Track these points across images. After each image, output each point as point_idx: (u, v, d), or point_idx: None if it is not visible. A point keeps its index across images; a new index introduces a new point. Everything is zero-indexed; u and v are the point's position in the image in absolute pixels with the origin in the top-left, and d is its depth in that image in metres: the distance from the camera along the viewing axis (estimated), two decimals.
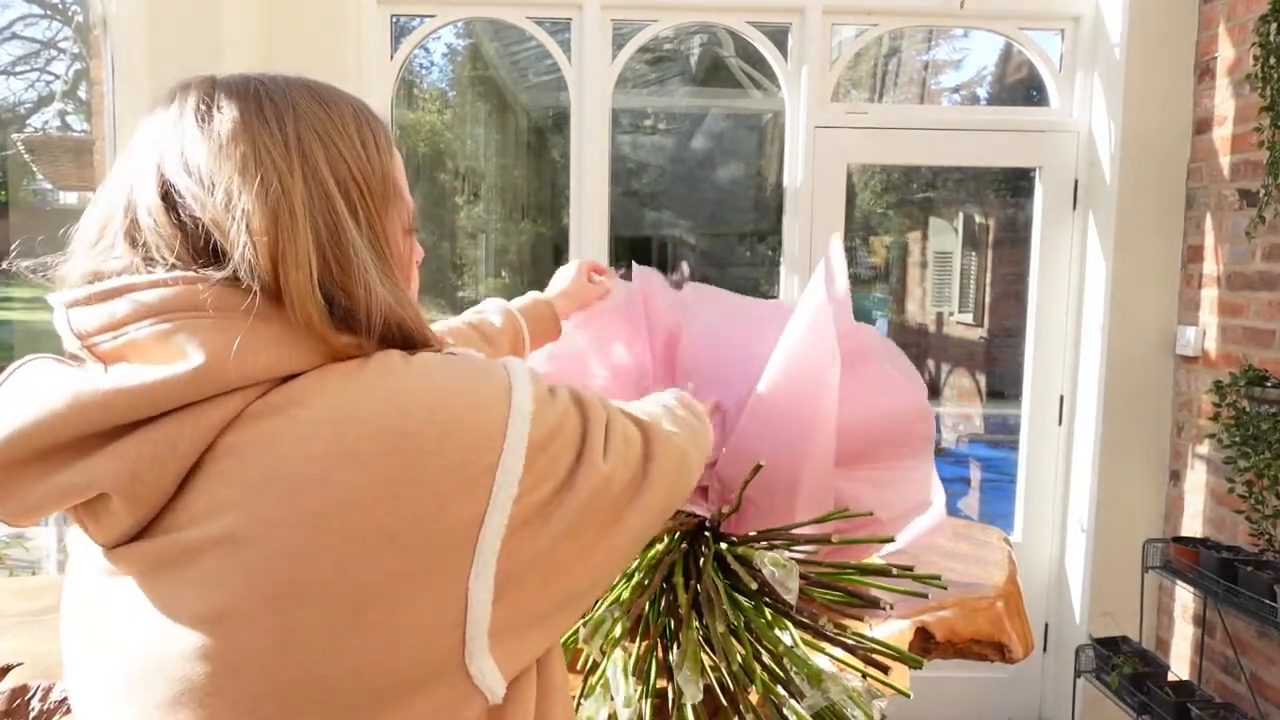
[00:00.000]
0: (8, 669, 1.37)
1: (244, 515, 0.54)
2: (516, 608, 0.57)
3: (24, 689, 1.33)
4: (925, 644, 1.62)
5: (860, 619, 1.03)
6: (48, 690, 1.33)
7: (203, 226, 0.58)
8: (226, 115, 0.60)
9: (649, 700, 0.99)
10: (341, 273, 0.60)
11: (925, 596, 1.10)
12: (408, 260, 0.71)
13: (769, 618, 1.03)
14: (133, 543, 0.56)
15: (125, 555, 0.57)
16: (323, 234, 0.60)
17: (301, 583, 0.53)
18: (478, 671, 0.56)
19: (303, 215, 0.59)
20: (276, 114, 0.62)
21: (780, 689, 0.98)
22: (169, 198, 0.59)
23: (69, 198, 3.06)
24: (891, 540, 1.07)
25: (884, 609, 1.01)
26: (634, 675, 1.00)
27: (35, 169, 2.51)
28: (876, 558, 1.14)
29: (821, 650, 1.03)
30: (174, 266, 0.58)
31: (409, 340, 0.63)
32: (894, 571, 1.05)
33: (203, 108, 0.61)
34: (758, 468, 1.00)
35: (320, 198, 0.60)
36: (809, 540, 1.05)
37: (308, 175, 0.60)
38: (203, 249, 0.59)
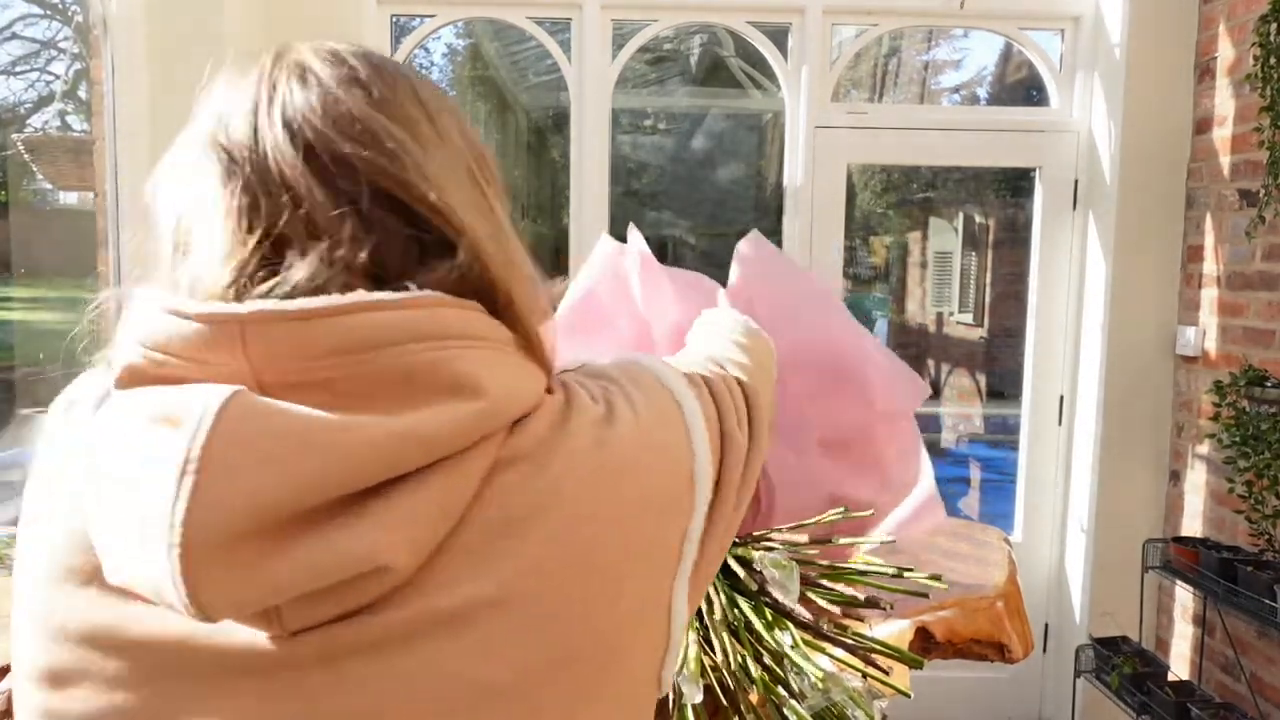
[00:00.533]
0: (7, 669, 1.37)
1: (520, 574, 0.46)
2: (693, 591, 0.56)
3: None
4: (925, 644, 1.62)
5: (861, 620, 1.03)
6: None
7: (372, 196, 0.47)
8: (379, 86, 0.50)
9: None
10: (514, 267, 0.52)
11: (926, 596, 1.10)
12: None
13: (769, 618, 1.02)
14: (330, 624, 0.44)
15: (316, 640, 0.44)
16: (499, 224, 0.53)
17: (584, 634, 0.48)
18: (667, 675, 0.55)
19: (491, 194, 0.52)
20: (412, 89, 0.52)
21: (781, 689, 0.98)
22: (332, 177, 0.47)
23: (69, 198, 3.06)
24: (889, 539, 1.06)
25: (884, 609, 1.01)
26: None
27: (35, 169, 2.51)
28: (871, 552, 1.14)
29: (822, 650, 1.03)
30: (331, 252, 0.46)
31: (543, 360, 0.56)
32: (894, 572, 1.05)
33: (346, 71, 0.50)
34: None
35: (471, 176, 0.52)
36: (815, 541, 1.05)
37: (457, 146, 0.52)
38: (411, 251, 0.48)
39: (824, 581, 1.06)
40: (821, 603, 1.03)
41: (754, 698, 0.99)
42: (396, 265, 0.47)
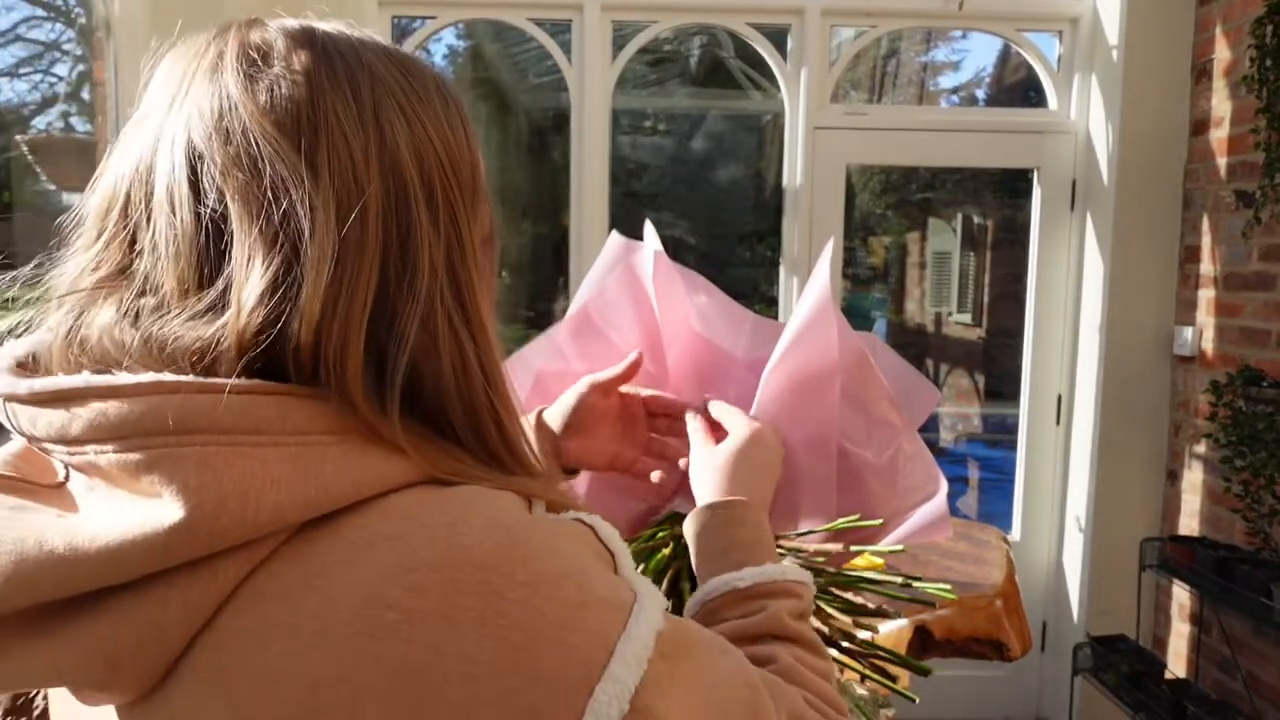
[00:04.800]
0: None
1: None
2: None
3: None
4: (924, 642, 1.64)
5: (872, 629, 1.04)
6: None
7: (223, 219, 0.42)
8: (285, 69, 0.43)
9: None
10: (402, 322, 0.43)
11: (934, 606, 1.11)
12: (490, 284, 0.50)
13: None
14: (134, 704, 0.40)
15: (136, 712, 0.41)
16: (392, 255, 0.43)
17: None
18: None
19: (374, 228, 0.42)
20: (350, 73, 0.44)
21: None
22: (196, 175, 0.42)
23: (72, 199, 3.07)
24: (895, 543, 1.07)
25: (892, 617, 1.02)
26: None
27: (39, 170, 2.52)
28: (876, 554, 1.15)
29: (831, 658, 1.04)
30: (174, 292, 0.42)
31: (495, 456, 0.45)
32: (902, 580, 1.06)
33: (248, 53, 0.44)
34: None
35: (398, 198, 0.43)
36: (821, 553, 1.06)
37: (385, 162, 0.43)
38: (215, 259, 0.42)
39: (833, 589, 1.07)
40: (829, 610, 1.03)
41: None
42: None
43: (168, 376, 0.39)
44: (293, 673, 0.37)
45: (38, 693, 1.40)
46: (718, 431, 0.88)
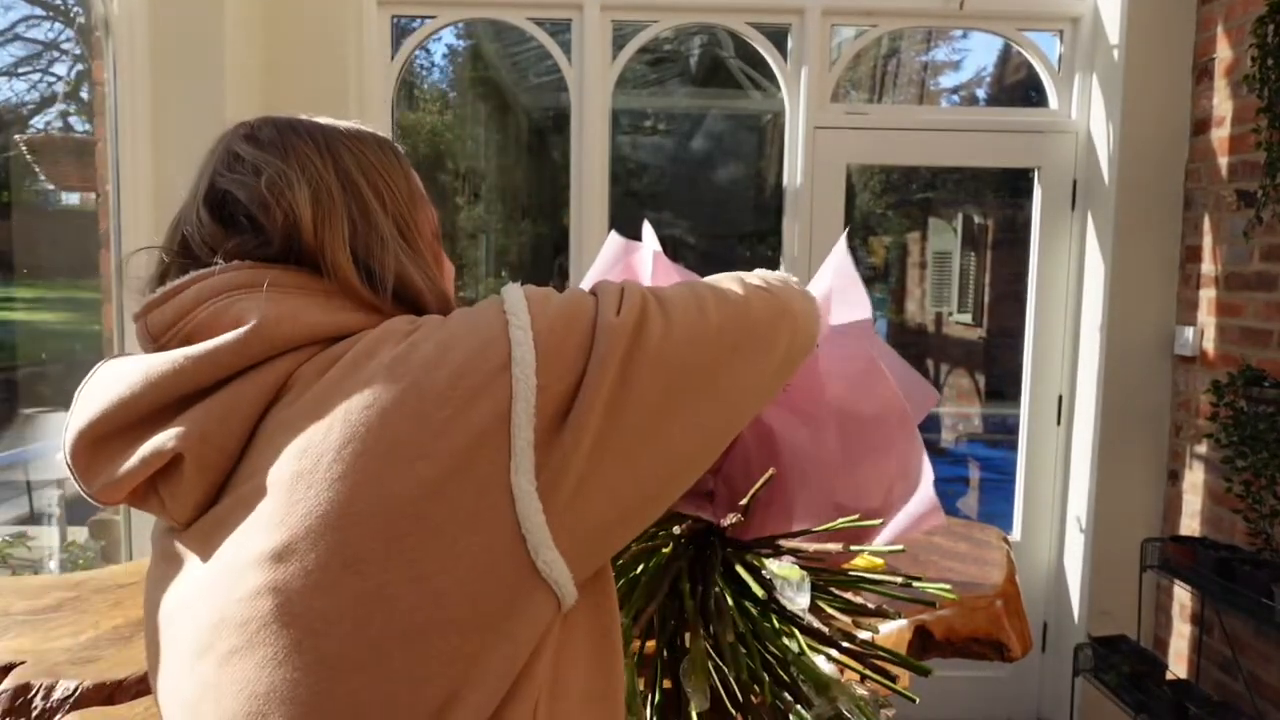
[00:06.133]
0: (10, 667, 1.38)
1: (293, 457, 0.58)
2: (583, 499, 0.58)
3: (27, 687, 1.33)
4: (924, 643, 1.63)
5: (873, 630, 1.04)
6: (50, 689, 1.33)
7: (249, 215, 0.67)
8: (266, 132, 0.70)
9: (652, 703, 0.99)
10: (375, 248, 0.68)
11: (934, 606, 1.10)
12: (440, 259, 0.77)
13: (775, 625, 1.03)
14: (202, 516, 0.61)
15: (195, 531, 0.62)
16: (355, 214, 0.68)
17: (349, 503, 0.55)
18: (544, 565, 0.57)
19: (339, 197, 0.68)
20: (309, 131, 0.71)
21: (787, 695, 0.98)
22: (217, 203, 0.68)
23: (71, 198, 3.07)
24: (890, 541, 1.07)
25: (893, 617, 1.01)
26: (639, 676, 1.00)
27: (38, 169, 2.51)
28: (875, 554, 1.14)
29: (827, 656, 1.04)
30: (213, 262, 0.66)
31: (418, 309, 0.70)
32: (903, 580, 1.05)
33: (243, 132, 0.71)
34: (770, 476, 1.00)
35: (352, 187, 0.69)
36: (819, 554, 1.05)
37: (340, 171, 0.69)
38: (249, 240, 0.67)
39: (833, 589, 1.06)
40: (830, 610, 1.03)
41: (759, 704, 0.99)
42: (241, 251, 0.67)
43: (228, 264, 0.66)
44: (349, 405, 0.58)
45: (35, 693, 1.39)
46: None
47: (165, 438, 0.59)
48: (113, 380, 0.61)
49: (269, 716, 0.54)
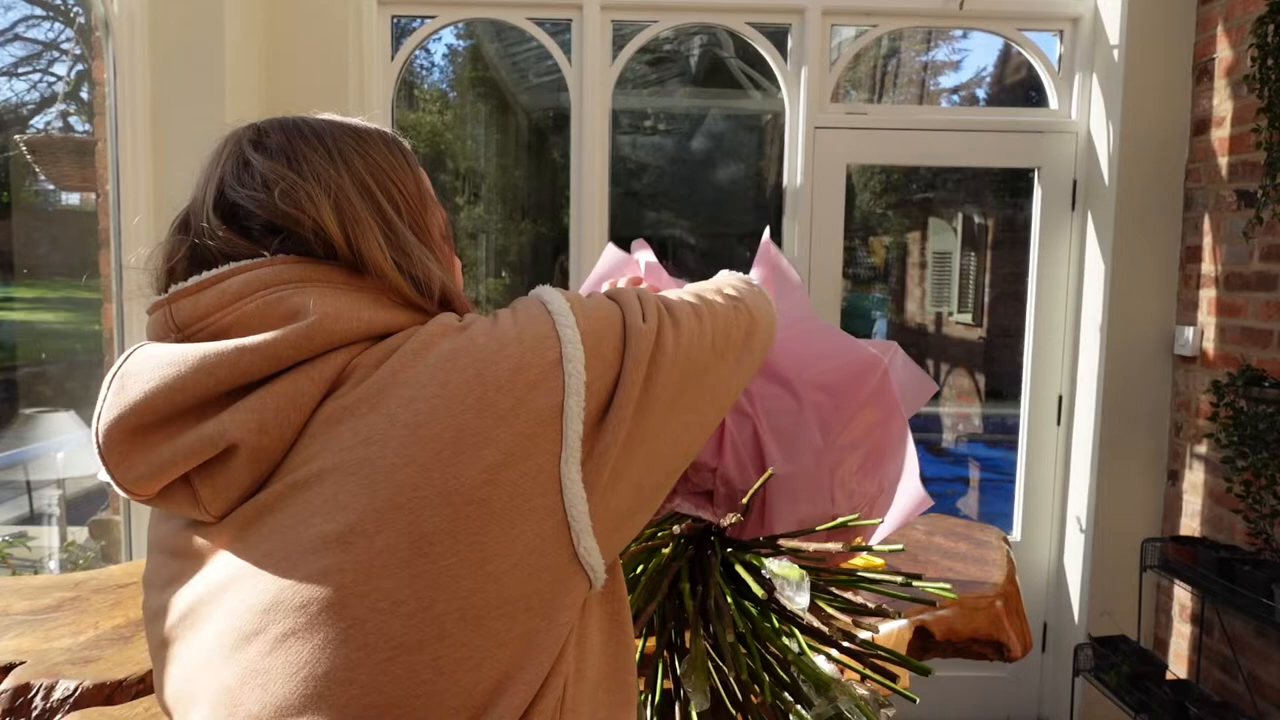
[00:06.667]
0: (10, 667, 1.38)
1: (358, 443, 0.59)
2: (614, 489, 0.63)
3: (26, 687, 1.33)
4: (924, 643, 1.63)
5: (873, 630, 1.03)
6: (50, 689, 1.33)
7: (265, 225, 0.67)
8: (275, 138, 0.70)
9: (652, 703, 0.99)
10: (399, 250, 0.68)
11: (934, 606, 1.10)
12: (450, 258, 0.79)
13: (775, 624, 1.03)
14: (240, 506, 0.62)
15: (231, 521, 0.62)
16: (377, 219, 0.69)
17: (418, 487, 0.57)
18: (584, 551, 0.61)
19: (358, 203, 0.68)
20: (316, 134, 0.71)
21: (787, 695, 0.98)
22: (228, 213, 0.67)
23: (71, 198, 3.07)
24: (884, 531, 1.07)
25: (893, 617, 1.01)
26: (639, 676, 1.00)
27: (38, 170, 2.51)
28: (875, 554, 1.14)
29: (827, 655, 1.04)
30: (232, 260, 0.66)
31: (453, 308, 0.72)
32: (903, 580, 1.05)
33: (250, 136, 0.71)
34: (768, 475, 1.00)
35: (366, 193, 0.69)
36: (819, 554, 1.05)
37: (353, 177, 0.69)
38: (256, 248, 0.66)
39: (833, 589, 1.06)
40: (830, 610, 1.03)
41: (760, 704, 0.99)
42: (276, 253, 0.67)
43: (271, 257, 0.65)
44: (414, 393, 0.60)
45: (35, 693, 1.39)
46: None
47: (219, 428, 0.59)
48: (154, 368, 0.61)
49: (325, 698, 0.56)
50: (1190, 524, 2.77)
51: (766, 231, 1.17)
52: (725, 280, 0.90)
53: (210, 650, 0.60)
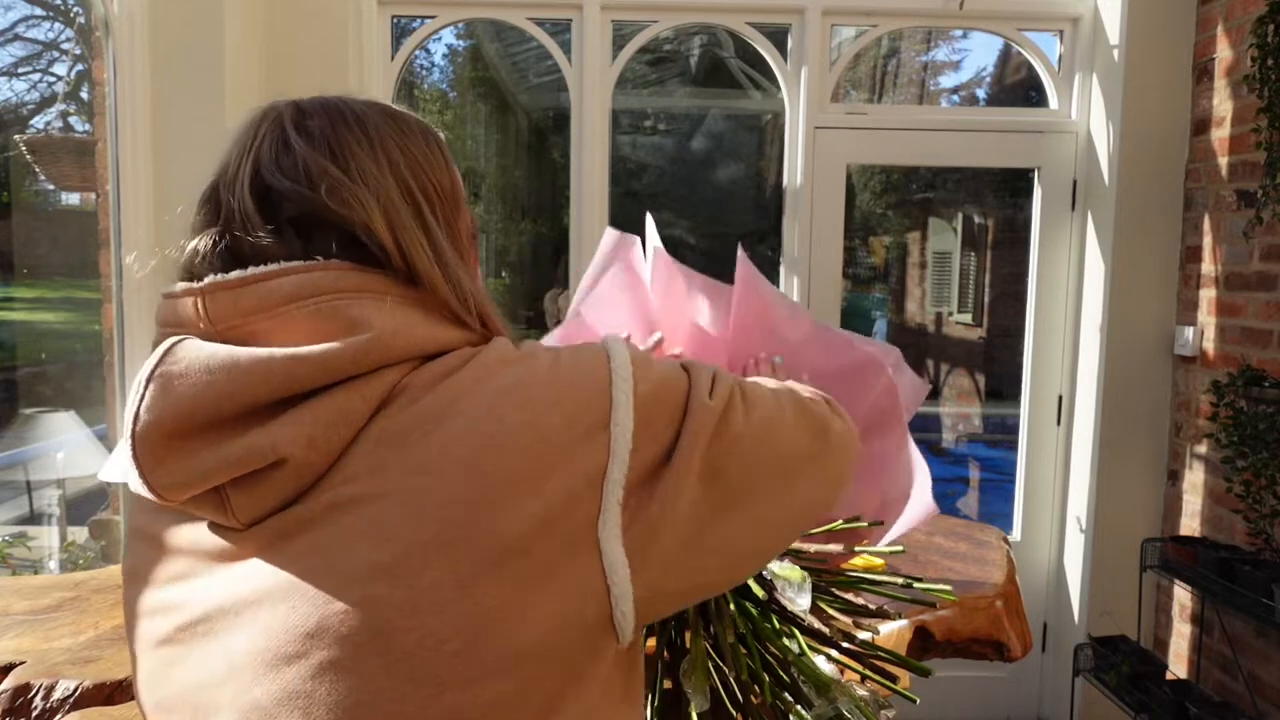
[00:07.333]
0: (10, 667, 1.38)
1: (408, 471, 0.57)
2: (658, 565, 0.61)
3: (26, 687, 1.33)
4: (924, 643, 1.63)
5: (874, 630, 1.03)
6: (50, 689, 1.33)
7: (303, 217, 0.63)
8: (318, 121, 0.66)
9: (652, 704, 0.99)
10: (439, 259, 0.65)
11: (934, 606, 1.10)
12: (475, 263, 0.76)
13: (776, 625, 1.03)
14: (273, 516, 0.59)
15: (262, 531, 0.59)
16: (418, 224, 0.66)
17: (464, 526, 0.56)
18: (620, 616, 0.60)
19: (402, 208, 0.65)
20: (359, 120, 0.68)
21: (787, 695, 0.98)
22: (263, 196, 0.64)
23: (71, 198, 3.07)
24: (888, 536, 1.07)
25: (893, 618, 1.01)
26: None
27: (38, 170, 2.51)
28: (876, 554, 1.14)
29: (828, 656, 1.04)
30: (272, 259, 0.62)
31: (493, 329, 0.69)
32: (904, 581, 1.05)
33: (292, 116, 0.67)
34: None
35: (407, 193, 0.66)
36: (819, 555, 1.05)
37: (394, 174, 0.66)
38: (299, 246, 0.63)
39: (834, 590, 1.06)
40: (831, 611, 1.03)
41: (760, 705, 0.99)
42: (320, 254, 0.63)
43: (328, 261, 0.62)
44: (468, 428, 0.58)
45: (35, 693, 1.39)
46: None
47: (269, 440, 0.56)
48: (201, 370, 0.57)
49: None
50: (1190, 524, 2.77)
51: (740, 248, 1.14)
52: (811, 390, 0.83)
53: (239, 665, 0.58)
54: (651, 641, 1.04)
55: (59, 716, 1.31)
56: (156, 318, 0.64)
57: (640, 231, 1.13)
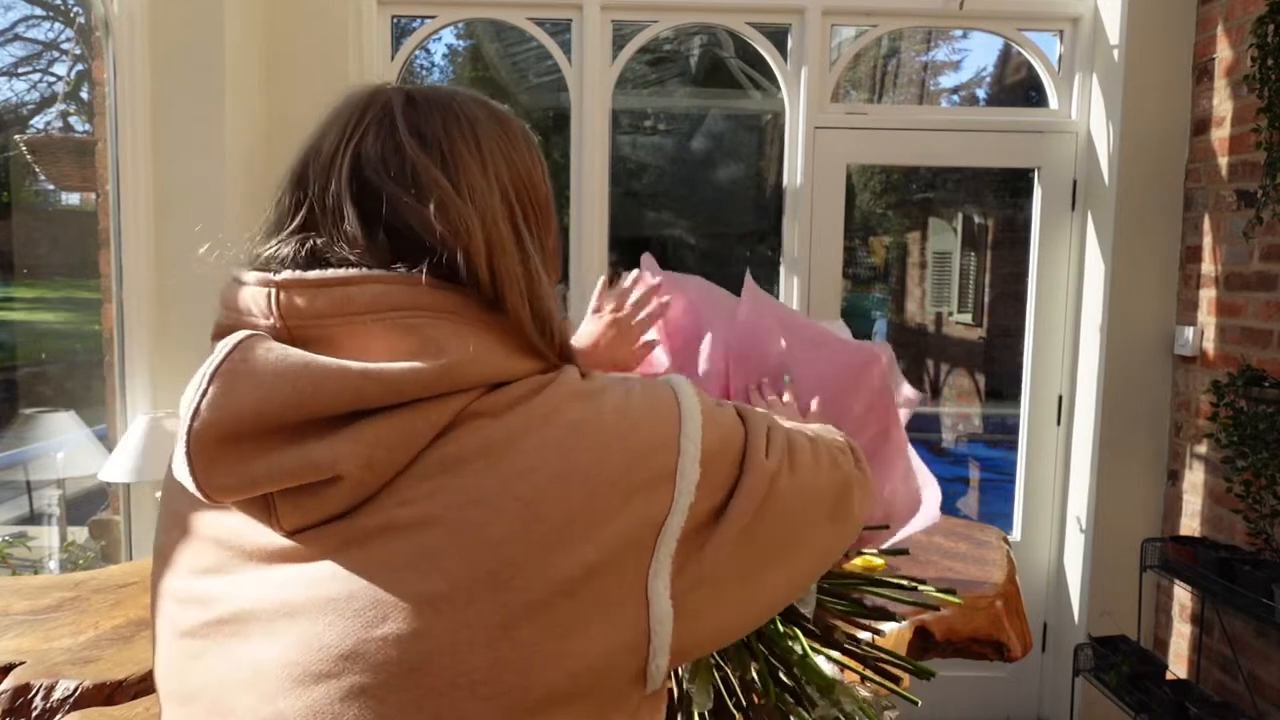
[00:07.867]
0: (10, 667, 1.38)
1: (466, 502, 0.56)
2: (697, 617, 0.60)
3: (26, 687, 1.33)
4: (924, 643, 1.63)
5: (877, 632, 1.03)
6: (50, 689, 1.33)
7: (397, 230, 0.61)
8: (432, 124, 0.64)
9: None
10: (531, 279, 0.63)
11: (935, 606, 1.10)
12: (556, 274, 0.74)
13: (780, 627, 1.03)
14: (320, 526, 0.57)
15: (311, 539, 0.57)
16: (515, 246, 0.64)
17: (516, 565, 0.55)
18: (655, 668, 0.59)
19: (503, 226, 0.63)
20: (470, 124, 0.65)
21: (789, 698, 0.98)
22: (361, 195, 0.61)
23: (71, 198, 3.07)
24: (892, 537, 1.07)
25: (897, 620, 1.01)
26: None
27: (38, 170, 2.51)
28: (876, 553, 1.14)
29: (830, 658, 1.03)
30: (353, 263, 0.60)
31: (569, 358, 0.67)
32: (908, 584, 1.05)
33: (403, 107, 0.65)
34: None
35: (508, 210, 0.64)
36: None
37: (500, 190, 0.64)
38: (387, 251, 0.61)
39: (839, 593, 1.06)
40: (837, 610, 1.03)
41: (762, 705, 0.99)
42: (405, 263, 0.60)
43: (410, 274, 0.59)
44: (531, 464, 0.57)
45: (35, 693, 1.39)
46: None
47: (329, 455, 0.54)
48: (269, 374, 0.55)
49: None
50: (1190, 524, 2.77)
51: (748, 274, 1.13)
52: (828, 430, 0.83)
53: (266, 673, 0.57)
54: None
55: (59, 716, 1.31)
56: (222, 299, 0.62)
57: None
